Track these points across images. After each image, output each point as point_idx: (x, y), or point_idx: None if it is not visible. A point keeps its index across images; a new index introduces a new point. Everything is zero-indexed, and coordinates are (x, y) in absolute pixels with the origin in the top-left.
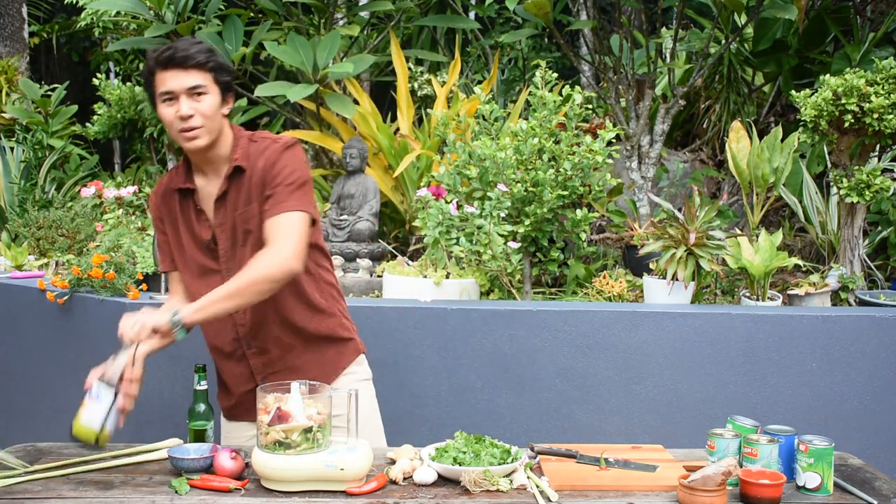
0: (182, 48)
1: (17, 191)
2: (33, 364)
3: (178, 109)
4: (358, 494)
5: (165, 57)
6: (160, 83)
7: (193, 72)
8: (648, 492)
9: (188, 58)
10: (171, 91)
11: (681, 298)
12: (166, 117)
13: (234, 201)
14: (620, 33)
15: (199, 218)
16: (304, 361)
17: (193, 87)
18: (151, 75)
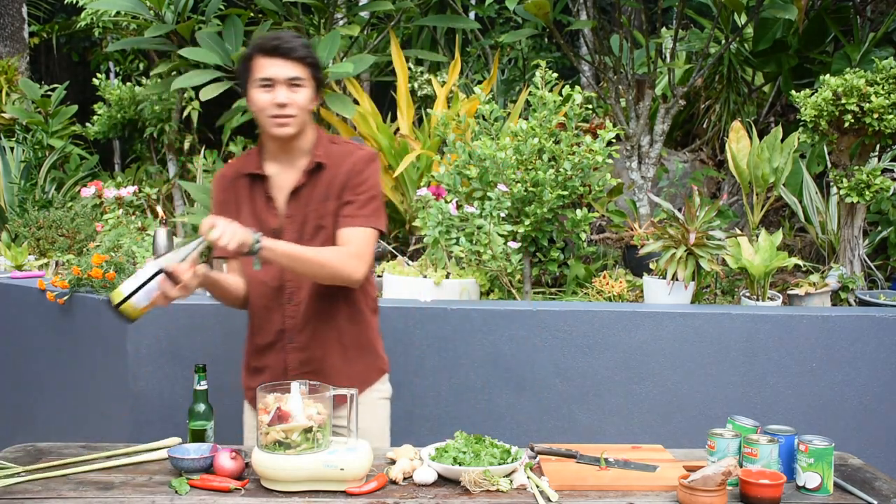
0: (287, 40)
1: (17, 191)
2: (33, 364)
3: (275, 97)
4: (358, 494)
5: (271, 46)
6: (259, 69)
7: (295, 64)
8: (648, 492)
9: (292, 49)
10: (271, 78)
11: (681, 298)
12: (259, 102)
13: (308, 196)
14: (620, 33)
15: (268, 205)
16: (336, 370)
17: (293, 77)
18: (251, 60)
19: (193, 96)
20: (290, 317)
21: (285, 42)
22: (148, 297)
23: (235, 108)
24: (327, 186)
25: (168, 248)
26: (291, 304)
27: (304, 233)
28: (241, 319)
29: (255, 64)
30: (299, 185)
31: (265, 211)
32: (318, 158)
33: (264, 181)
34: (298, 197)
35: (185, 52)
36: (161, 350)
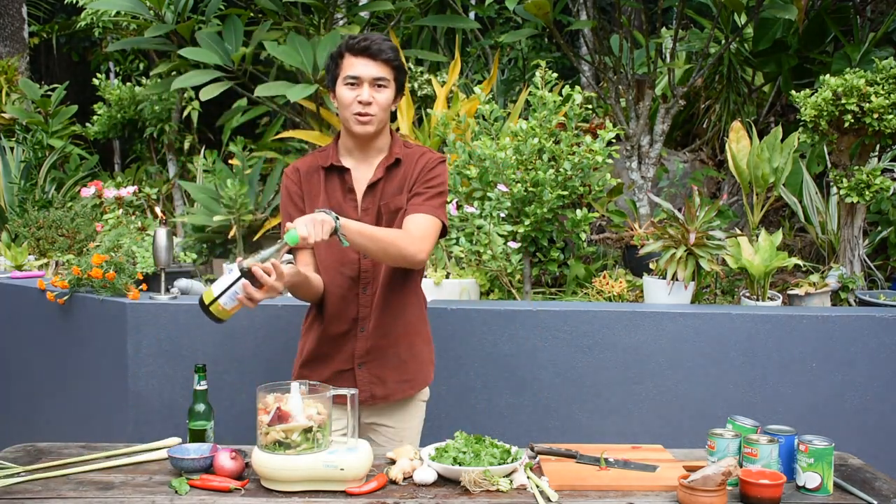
0: (376, 41)
1: (17, 191)
2: (33, 364)
3: (360, 94)
4: (358, 494)
5: (362, 46)
6: (348, 67)
7: (382, 65)
8: (648, 492)
9: (381, 51)
10: (358, 77)
11: (681, 298)
12: (345, 98)
13: (383, 190)
14: (620, 33)
15: (347, 197)
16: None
17: (378, 78)
18: (340, 58)
19: (193, 96)
20: (365, 305)
21: (375, 43)
22: (233, 300)
23: (235, 108)
24: (401, 181)
25: (168, 248)
26: (366, 293)
27: (379, 224)
28: (241, 319)
29: (343, 62)
30: (377, 179)
31: (345, 203)
32: (397, 155)
33: (343, 174)
34: (374, 191)
35: (185, 52)
36: (161, 350)
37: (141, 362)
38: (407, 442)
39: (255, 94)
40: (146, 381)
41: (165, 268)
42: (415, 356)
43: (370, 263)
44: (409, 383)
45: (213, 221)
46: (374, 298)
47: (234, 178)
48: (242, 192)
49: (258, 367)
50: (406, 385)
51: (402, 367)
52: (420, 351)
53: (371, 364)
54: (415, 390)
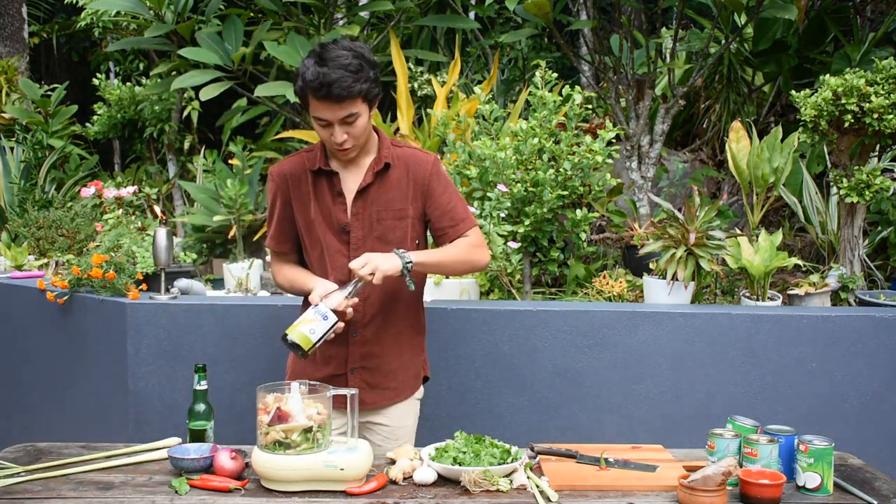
0: (337, 84)
1: (17, 191)
2: (33, 364)
3: (332, 133)
4: (358, 494)
5: (322, 94)
6: (313, 108)
7: (346, 104)
8: (648, 492)
9: (342, 92)
10: (325, 119)
11: (681, 298)
12: (320, 133)
13: (375, 195)
14: (620, 33)
15: (336, 201)
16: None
17: (346, 115)
18: (304, 96)
19: (193, 96)
20: (357, 310)
21: (335, 87)
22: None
23: (235, 108)
24: (394, 189)
25: (168, 248)
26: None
27: (371, 230)
28: (241, 319)
29: (309, 100)
30: (366, 184)
31: (334, 207)
32: (386, 159)
33: (332, 177)
34: (365, 196)
35: (185, 52)
36: (161, 350)
37: (141, 362)
38: (402, 440)
39: (255, 94)
40: (146, 381)
41: (165, 268)
42: (405, 366)
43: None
44: (397, 391)
45: (213, 221)
46: (368, 304)
47: (234, 178)
48: (242, 192)
49: (258, 367)
50: (393, 393)
51: (391, 375)
52: (411, 361)
53: (362, 371)
54: (401, 398)
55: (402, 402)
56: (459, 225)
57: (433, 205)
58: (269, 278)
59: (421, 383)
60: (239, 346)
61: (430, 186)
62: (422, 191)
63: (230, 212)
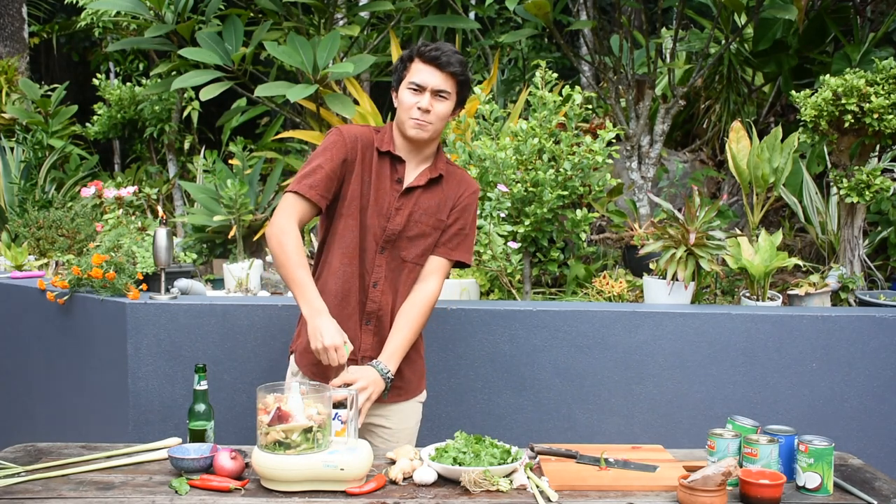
0: (447, 52)
1: (17, 191)
2: (33, 364)
3: (420, 101)
4: (358, 494)
5: (432, 55)
6: (415, 72)
7: (447, 77)
8: (648, 492)
9: (449, 63)
10: (422, 84)
11: (681, 298)
12: (406, 102)
13: (419, 198)
14: (620, 33)
15: (394, 187)
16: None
17: (441, 89)
18: (409, 61)
19: (193, 96)
20: (372, 300)
21: (444, 54)
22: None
23: (235, 108)
24: (437, 200)
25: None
26: (375, 289)
27: (407, 228)
28: (241, 319)
29: (411, 66)
30: (418, 184)
31: (390, 191)
32: (440, 170)
33: (397, 163)
34: (412, 195)
35: (185, 52)
36: (161, 350)
37: (141, 362)
38: (404, 443)
39: (255, 94)
40: (146, 381)
41: (165, 268)
42: (410, 366)
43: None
44: (401, 389)
45: (213, 221)
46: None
47: (234, 178)
48: (242, 192)
49: (258, 367)
50: (397, 392)
51: (398, 374)
52: (415, 363)
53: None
54: (404, 398)
55: (405, 402)
56: (454, 251)
57: (450, 222)
58: (269, 278)
59: (424, 385)
60: (239, 346)
61: (459, 207)
62: (458, 208)
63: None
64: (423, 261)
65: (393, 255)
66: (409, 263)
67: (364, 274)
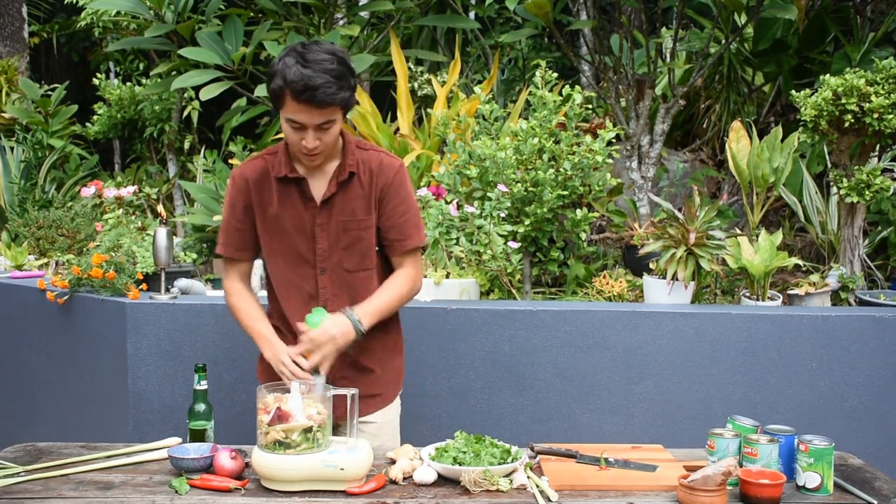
0: (322, 89)
1: (17, 191)
2: (33, 364)
3: (304, 138)
4: (358, 494)
5: (305, 97)
6: (289, 109)
7: (327, 109)
8: (648, 492)
9: (325, 99)
10: (301, 123)
11: (681, 298)
12: (290, 137)
13: (340, 205)
14: (620, 33)
15: (308, 205)
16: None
17: (323, 122)
18: (282, 95)
19: (193, 96)
20: None
21: (319, 92)
22: None
23: (235, 107)
24: (359, 198)
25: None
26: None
27: (337, 241)
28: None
29: (286, 102)
30: (330, 194)
31: (306, 213)
32: (351, 168)
33: (300, 183)
34: (330, 206)
35: (185, 52)
36: (161, 350)
37: (141, 362)
38: (388, 435)
39: (255, 94)
40: (146, 381)
41: (165, 268)
42: (386, 370)
43: (328, 280)
44: (383, 397)
45: (213, 221)
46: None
47: None
48: None
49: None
50: (379, 400)
51: (377, 382)
52: (391, 364)
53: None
54: (387, 403)
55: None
56: (407, 240)
57: (386, 214)
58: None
59: (401, 381)
60: (239, 346)
61: (388, 194)
62: (379, 197)
63: None
64: (368, 264)
65: (334, 271)
66: (352, 273)
67: (308, 300)
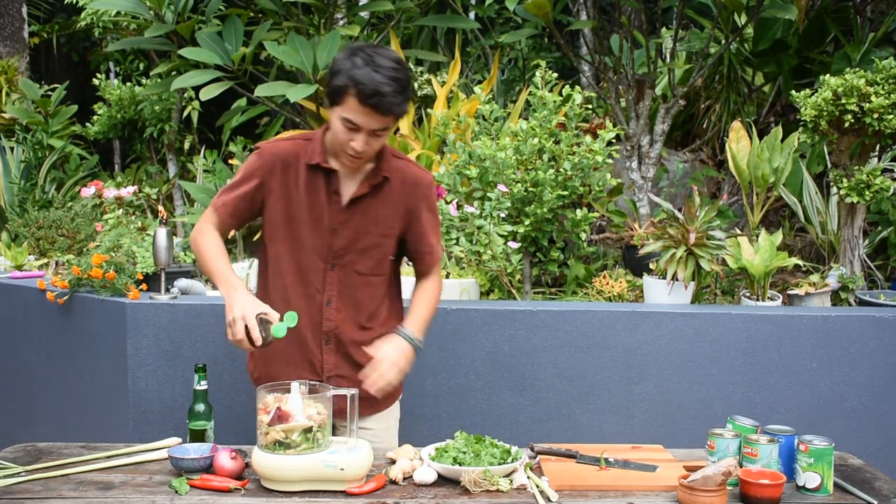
0: (388, 96)
1: (17, 191)
2: (33, 364)
3: (355, 141)
4: (358, 494)
5: (372, 102)
6: (349, 109)
7: (388, 117)
8: (648, 492)
9: (390, 109)
10: (358, 125)
11: (681, 298)
12: (340, 136)
13: (367, 206)
14: (620, 33)
15: (332, 200)
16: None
17: (379, 129)
18: (345, 94)
19: (193, 96)
20: (328, 319)
21: (387, 100)
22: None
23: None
24: (387, 207)
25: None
26: (330, 307)
27: (356, 241)
28: None
29: (347, 101)
30: (360, 194)
31: (327, 206)
32: (386, 173)
33: (330, 175)
34: (357, 206)
35: (185, 52)
36: (161, 350)
37: (141, 362)
38: (386, 441)
39: (255, 94)
40: (146, 381)
41: (165, 268)
42: None
43: (336, 278)
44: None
45: None
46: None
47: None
48: None
49: None
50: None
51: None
52: None
53: (339, 379)
54: (383, 407)
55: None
56: (435, 253)
57: (416, 228)
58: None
59: (402, 386)
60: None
61: (421, 209)
62: (409, 210)
63: None
64: (380, 270)
65: (345, 270)
66: (364, 276)
67: (314, 293)
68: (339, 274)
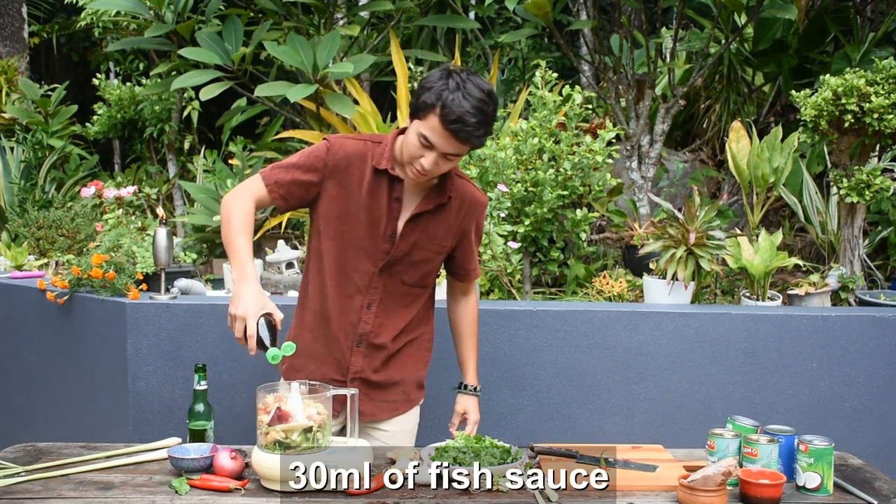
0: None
1: (17, 191)
2: (33, 364)
3: (425, 156)
4: (358, 494)
5: (454, 129)
6: (430, 128)
7: (464, 146)
8: (648, 492)
9: (469, 139)
10: (433, 145)
11: (681, 298)
12: (412, 149)
13: (426, 222)
14: (620, 33)
15: (393, 208)
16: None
17: (452, 153)
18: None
19: (193, 96)
20: (366, 321)
21: (470, 130)
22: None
23: (235, 107)
24: (445, 225)
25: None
26: (367, 310)
27: (410, 253)
28: None
29: (429, 119)
30: (424, 210)
31: (387, 212)
32: (451, 193)
33: (395, 182)
34: (418, 221)
35: (185, 52)
36: (161, 350)
37: (141, 362)
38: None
39: (255, 94)
40: (146, 381)
41: (165, 268)
42: (406, 378)
43: (382, 284)
44: (397, 404)
45: (213, 221)
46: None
47: (234, 177)
48: None
49: (258, 367)
50: (393, 406)
51: (392, 389)
52: (413, 374)
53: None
54: (401, 411)
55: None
56: (477, 270)
57: (465, 245)
58: (269, 278)
59: (423, 392)
60: (239, 346)
61: (474, 230)
62: (463, 229)
63: None
64: (426, 282)
65: (392, 278)
66: (409, 287)
67: (355, 294)
68: (386, 280)
